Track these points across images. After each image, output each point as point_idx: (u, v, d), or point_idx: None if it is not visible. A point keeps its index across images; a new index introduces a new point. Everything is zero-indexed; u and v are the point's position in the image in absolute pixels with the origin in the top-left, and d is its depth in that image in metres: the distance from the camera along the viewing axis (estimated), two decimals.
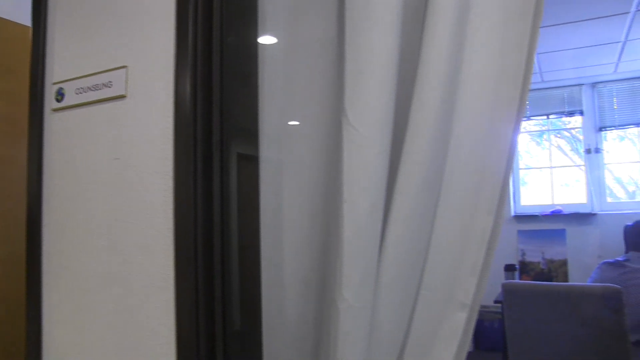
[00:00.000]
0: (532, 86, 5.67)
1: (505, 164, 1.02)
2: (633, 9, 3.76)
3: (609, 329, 2.50)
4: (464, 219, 1.05)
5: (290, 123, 1.26)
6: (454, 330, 1.02)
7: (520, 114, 1.05)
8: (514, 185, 5.78)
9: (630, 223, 3.28)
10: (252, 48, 1.23)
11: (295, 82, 1.26)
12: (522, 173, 5.95)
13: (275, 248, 1.21)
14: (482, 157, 1.04)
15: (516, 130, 1.04)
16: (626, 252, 3.14)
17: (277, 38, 1.29)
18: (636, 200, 5.58)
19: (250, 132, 1.20)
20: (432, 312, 1.06)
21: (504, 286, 2.73)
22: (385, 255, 1.07)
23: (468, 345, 1.02)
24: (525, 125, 5.96)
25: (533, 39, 1.06)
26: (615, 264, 2.99)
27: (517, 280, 4.36)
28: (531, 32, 1.05)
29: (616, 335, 2.49)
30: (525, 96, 1.07)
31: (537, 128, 5.98)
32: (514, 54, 1.05)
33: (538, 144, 6.00)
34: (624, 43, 4.42)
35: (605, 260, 3.09)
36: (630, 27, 4.06)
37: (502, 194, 1.03)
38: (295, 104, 1.26)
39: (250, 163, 1.20)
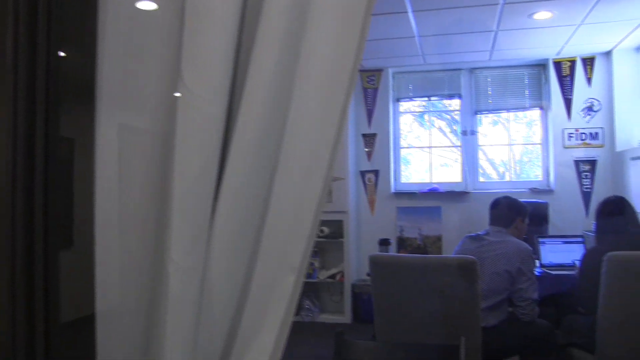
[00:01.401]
0: (415, 68, 5.90)
1: (335, 133, 1.05)
2: (501, 1, 4.00)
3: (463, 297, 2.69)
4: (300, 184, 1.06)
5: (132, 87, 1.21)
6: (283, 293, 1.04)
7: (351, 87, 1.07)
8: (394, 164, 6.01)
9: None
10: (90, 9, 1.16)
11: (140, 47, 1.20)
12: (404, 152, 6.20)
13: (112, 219, 1.16)
14: (318, 125, 1.06)
15: (347, 102, 1.07)
16: None
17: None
18: (505, 180, 6.00)
19: (84, 94, 1.14)
20: (268, 276, 1.07)
21: (369, 258, 2.84)
22: (217, 218, 1.06)
23: (294, 308, 1.05)
24: (409, 105, 6.19)
25: (365, 26, 1.08)
26: (475, 238, 3.20)
27: (381, 253, 4.55)
28: (363, 19, 1.07)
29: (469, 303, 2.68)
30: (355, 74, 1.09)
31: (420, 109, 6.24)
32: (349, 29, 1.07)
33: (421, 124, 6.27)
34: (496, 33, 4.70)
35: (468, 235, 3.30)
36: (500, 18, 4.32)
37: (331, 161, 1.06)
38: (139, 69, 1.21)
39: (84, 126, 1.14)
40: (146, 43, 1.20)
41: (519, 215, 3.27)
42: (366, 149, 5.92)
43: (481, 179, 5.93)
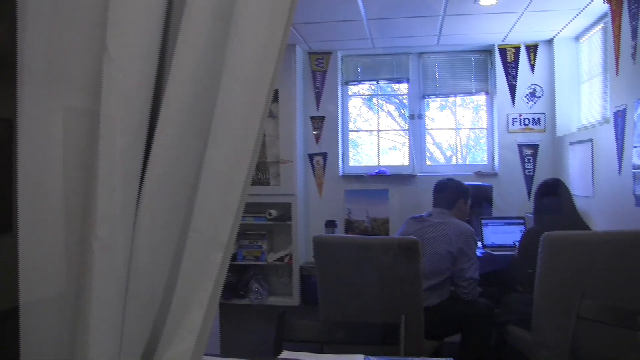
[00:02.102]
0: (364, 51, 5.91)
1: (263, 110, 1.04)
2: None
3: (406, 277, 2.73)
4: (228, 161, 1.05)
5: (57, 61, 1.15)
6: (212, 269, 1.04)
7: (279, 65, 1.06)
8: (342, 147, 6.04)
9: None
10: None
11: (64, 18, 1.15)
12: (353, 135, 6.22)
13: (36, 201, 1.11)
14: (247, 101, 1.05)
15: (274, 80, 1.06)
16: None
17: None
18: (452, 164, 6.12)
19: (4, 67, 1.09)
20: (198, 253, 1.06)
21: (313, 239, 2.85)
22: (145, 195, 1.04)
23: (222, 284, 1.04)
24: (358, 89, 6.21)
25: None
26: (418, 219, 3.25)
27: (324, 234, 4.58)
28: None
29: (412, 283, 2.73)
30: (282, 52, 1.08)
31: (369, 93, 6.26)
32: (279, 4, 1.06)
33: (370, 107, 6.29)
34: (443, 17, 4.74)
35: (412, 216, 3.35)
36: (446, 2, 4.36)
37: (258, 139, 1.05)
38: (64, 41, 1.16)
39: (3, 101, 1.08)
40: (71, 14, 1.14)
41: (462, 197, 3.34)
42: (314, 132, 5.91)
43: (428, 163, 6.03)
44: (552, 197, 3.34)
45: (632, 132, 3.66)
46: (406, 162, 6.01)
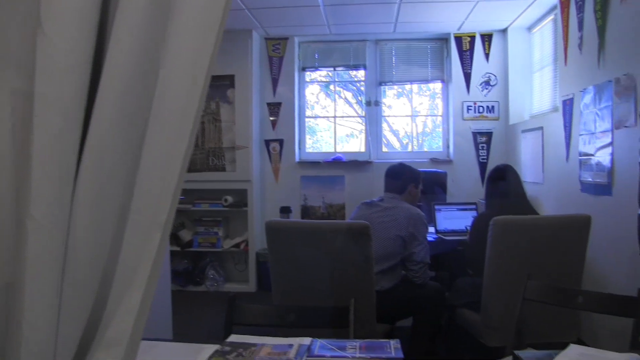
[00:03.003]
0: (321, 37, 5.89)
1: (202, 91, 1.02)
2: None
3: (357, 261, 2.75)
4: (169, 143, 1.03)
5: None
6: (151, 249, 1.02)
7: (218, 42, 1.05)
8: (299, 133, 6.02)
9: None
10: None
11: None
12: (311, 122, 6.22)
13: None
14: (187, 80, 1.03)
15: (215, 51, 1.04)
16: None
17: None
18: (407, 151, 6.18)
19: None
20: (139, 234, 1.04)
21: (265, 224, 2.84)
22: (83, 174, 1.01)
23: (161, 264, 1.03)
24: (316, 75, 6.20)
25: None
26: (370, 204, 3.27)
27: (277, 219, 4.58)
28: None
29: (363, 267, 2.75)
30: (221, 32, 1.06)
31: (326, 79, 6.26)
32: None
33: (327, 94, 6.29)
34: (400, 5, 4.76)
35: (364, 201, 3.37)
36: None
37: (197, 117, 1.03)
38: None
39: None
40: None
41: (412, 181, 3.36)
42: (271, 118, 5.87)
43: (385, 149, 6.07)
44: (502, 182, 3.41)
45: (579, 120, 3.77)
46: (363, 149, 6.05)
